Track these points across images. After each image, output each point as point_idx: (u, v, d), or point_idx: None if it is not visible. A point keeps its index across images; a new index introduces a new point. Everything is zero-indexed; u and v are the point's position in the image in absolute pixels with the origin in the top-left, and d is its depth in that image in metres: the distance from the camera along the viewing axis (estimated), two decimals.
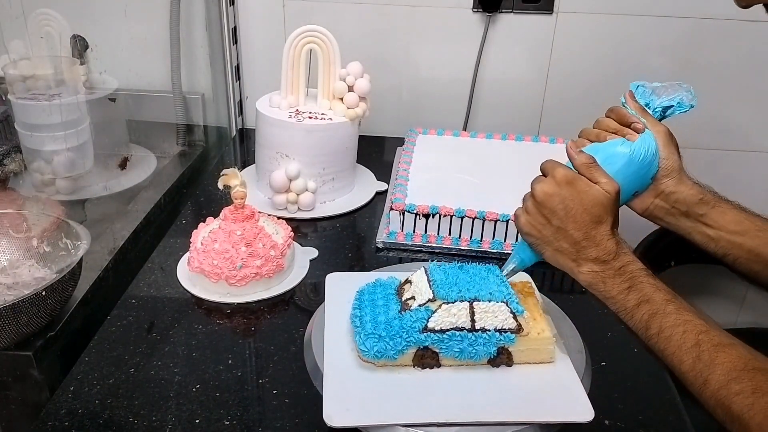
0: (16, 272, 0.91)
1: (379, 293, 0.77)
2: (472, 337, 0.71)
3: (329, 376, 0.71)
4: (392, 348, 0.70)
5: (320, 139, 1.13)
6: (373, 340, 0.70)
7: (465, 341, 0.71)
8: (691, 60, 1.40)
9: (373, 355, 0.70)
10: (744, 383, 0.55)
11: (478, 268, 0.76)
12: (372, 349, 0.70)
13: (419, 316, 0.70)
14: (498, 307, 0.71)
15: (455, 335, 0.70)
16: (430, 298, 0.71)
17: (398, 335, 0.70)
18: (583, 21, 1.38)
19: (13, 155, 1.14)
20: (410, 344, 0.70)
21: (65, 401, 0.74)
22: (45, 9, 1.16)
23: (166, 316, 0.90)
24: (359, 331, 0.72)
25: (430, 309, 0.70)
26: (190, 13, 1.40)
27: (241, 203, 0.93)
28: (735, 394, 0.55)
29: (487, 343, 0.71)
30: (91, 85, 1.28)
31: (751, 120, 1.48)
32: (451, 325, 0.70)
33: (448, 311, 0.70)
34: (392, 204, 1.07)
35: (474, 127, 1.50)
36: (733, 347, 0.58)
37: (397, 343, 0.70)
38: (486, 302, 0.71)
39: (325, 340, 0.76)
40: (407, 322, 0.71)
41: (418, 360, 0.72)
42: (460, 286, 0.72)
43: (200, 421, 0.72)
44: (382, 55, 1.44)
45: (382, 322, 0.72)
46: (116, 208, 1.18)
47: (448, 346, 0.71)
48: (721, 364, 0.57)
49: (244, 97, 1.52)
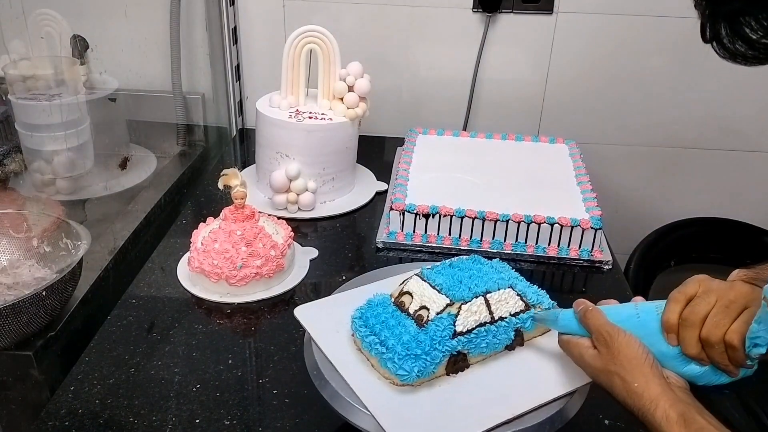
0: (17, 272, 0.91)
1: (384, 314, 0.73)
2: (494, 329, 0.71)
3: (380, 414, 0.65)
4: (431, 363, 0.67)
5: (320, 139, 1.13)
6: (410, 361, 0.67)
7: (489, 335, 0.71)
8: (691, 60, 1.40)
9: (415, 376, 0.67)
10: None
11: (466, 262, 0.76)
12: (413, 371, 0.66)
13: (445, 324, 0.69)
14: (508, 294, 0.72)
15: (481, 332, 0.70)
16: (448, 303, 0.70)
17: (432, 348, 0.68)
18: (583, 21, 1.38)
19: (14, 155, 1.14)
20: (445, 354, 0.68)
21: (65, 401, 0.75)
22: (45, 9, 1.16)
23: (167, 316, 0.90)
24: (390, 357, 0.68)
25: (452, 314, 0.69)
26: (190, 13, 1.40)
27: (242, 203, 0.93)
28: None
29: (507, 329, 0.72)
30: (91, 85, 1.28)
31: (751, 120, 1.48)
32: (476, 323, 0.70)
33: (469, 310, 0.70)
34: (392, 204, 1.07)
35: (474, 127, 1.50)
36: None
37: (434, 356, 0.67)
38: (496, 291, 0.72)
39: (345, 377, 0.69)
40: (434, 332, 0.68)
41: (452, 367, 0.70)
42: (467, 284, 0.72)
43: (200, 421, 0.72)
44: (382, 55, 1.44)
45: (409, 341, 0.68)
46: (116, 208, 1.18)
47: (476, 344, 0.70)
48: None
49: (244, 97, 1.52)
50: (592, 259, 1.04)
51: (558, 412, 0.66)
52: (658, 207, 1.57)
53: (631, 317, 0.63)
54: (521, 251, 1.04)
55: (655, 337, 0.61)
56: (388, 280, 0.82)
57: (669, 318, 0.60)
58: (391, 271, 0.86)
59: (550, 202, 1.08)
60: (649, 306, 0.64)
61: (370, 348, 0.69)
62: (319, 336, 0.74)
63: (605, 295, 0.71)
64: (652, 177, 1.55)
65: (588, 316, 0.63)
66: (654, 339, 0.61)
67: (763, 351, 0.56)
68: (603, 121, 1.49)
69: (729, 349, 0.58)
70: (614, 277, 1.03)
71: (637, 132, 1.50)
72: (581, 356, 0.63)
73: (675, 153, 1.52)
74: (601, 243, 1.05)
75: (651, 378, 0.57)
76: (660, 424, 0.55)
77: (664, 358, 0.61)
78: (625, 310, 0.64)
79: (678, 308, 0.60)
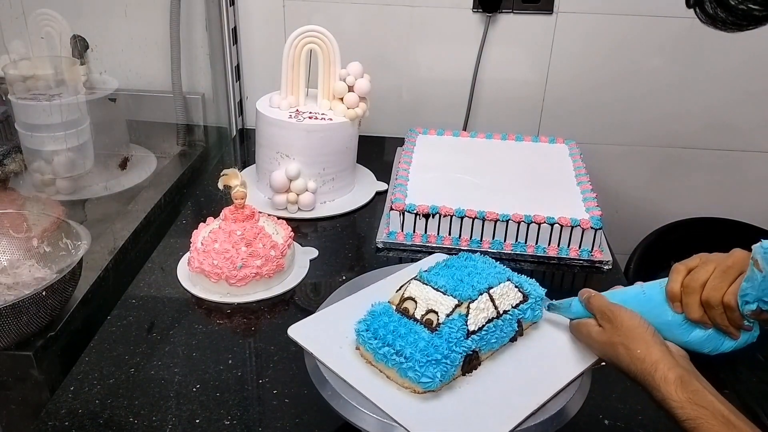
0: (17, 272, 0.91)
1: (391, 323, 0.71)
2: (501, 323, 0.72)
3: (413, 426, 0.64)
4: (451, 365, 0.67)
5: (320, 139, 1.13)
6: (431, 367, 0.66)
7: (497, 329, 0.71)
8: (691, 60, 1.40)
9: (438, 382, 0.66)
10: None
11: (459, 260, 0.77)
12: (436, 377, 0.66)
13: (457, 325, 0.69)
14: (508, 287, 0.73)
15: (490, 327, 0.71)
16: (456, 304, 0.70)
17: (450, 351, 0.67)
18: (583, 21, 1.38)
19: (14, 155, 1.14)
20: (462, 354, 0.68)
21: (65, 401, 0.75)
22: (45, 9, 1.16)
23: (166, 316, 0.90)
24: (411, 366, 0.67)
25: (463, 314, 0.69)
26: (190, 13, 1.40)
27: (242, 203, 0.93)
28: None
29: (511, 322, 0.73)
30: (91, 85, 1.28)
31: (751, 120, 1.48)
32: (485, 320, 0.71)
33: (477, 308, 0.70)
34: (392, 204, 1.07)
35: (474, 127, 1.50)
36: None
37: (453, 359, 0.67)
38: (498, 286, 0.72)
39: (366, 395, 0.67)
40: (449, 335, 0.68)
41: (467, 366, 0.70)
42: (469, 282, 0.72)
43: (200, 421, 0.72)
44: (382, 55, 1.44)
45: (426, 347, 0.67)
46: (116, 208, 1.18)
47: (487, 340, 0.71)
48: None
49: (244, 97, 1.52)
50: (592, 259, 1.04)
51: (558, 412, 0.66)
52: (658, 207, 1.57)
53: (638, 294, 0.68)
54: (521, 251, 1.04)
55: (660, 308, 0.66)
56: (378, 285, 0.81)
57: (672, 287, 0.65)
58: (391, 271, 0.86)
59: (550, 202, 1.08)
60: (653, 283, 0.69)
61: (386, 359, 0.68)
62: (324, 355, 0.72)
63: None
64: (652, 177, 1.55)
65: (591, 300, 0.69)
66: (659, 310, 0.66)
67: (753, 308, 0.60)
68: (603, 121, 1.49)
69: (727, 310, 0.62)
70: (614, 277, 1.03)
71: (637, 132, 1.50)
72: (589, 334, 0.68)
73: (675, 153, 1.52)
74: (601, 243, 1.05)
75: (652, 344, 0.62)
76: (659, 385, 0.59)
77: (670, 326, 0.65)
78: (632, 290, 0.70)
79: (680, 278, 0.65)
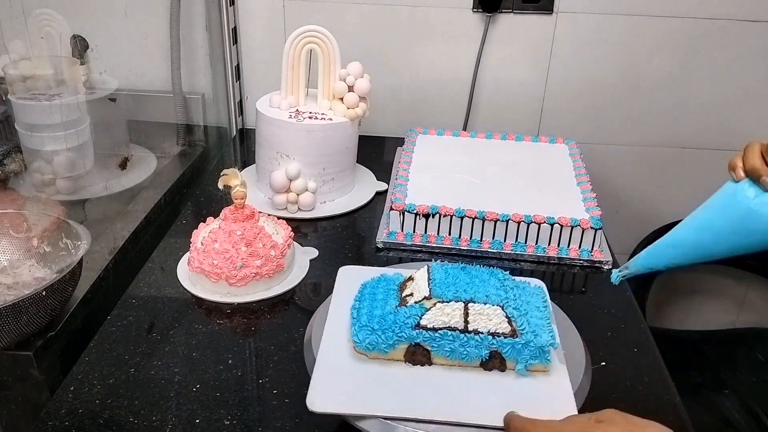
0: (17, 272, 0.91)
1: (381, 288, 0.79)
2: (464, 338, 0.71)
3: (320, 364, 0.72)
4: (383, 342, 0.72)
5: (320, 139, 1.13)
6: (366, 332, 0.72)
7: (457, 341, 0.71)
8: (691, 60, 1.40)
9: (365, 347, 0.72)
10: None
11: (481, 270, 0.76)
12: (364, 341, 0.72)
13: (413, 313, 0.71)
14: (493, 311, 0.71)
15: (447, 334, 0.71)
16: (426, 296, 0.72)
17: (390, 329, 0.72)
18: (583, 21, 1.39)
19: (14, 155, 1.14)
20: (402, 339, 0.72)
21: (65, 401, 0.75)
22: (45, 9, 1.16)
23: (166, 316, 0.90)
24: (355, 323, 0.75)
25: (425, 306, 0.71)
26: (190, 13, 1.40)
27: (241, 203, 0.93)
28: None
29: (479, 345, 0.71)
30: (91, 85, 1.28)
31: (751, 120, 1.48)
32: (444, 324, 0.71)
33: (441, 310, 0.71)
34: (392, 204, 1.07)
35: (474, 127, 1.50)
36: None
37: (388, 337, 0.71)
38: (481, 304, 0.70)
39: (325, 329, 0.77)
40: (401, 317, 0.72)
41: (410, 356, 0.73)
42: (457, 287, 0.72)
43: (200, 421, 0.72)
44: (382, 56, 1.44)
45: (377, 315, 0.74)
46: (116, 208, 1.18)
47: (439, 344, 0.71)
48: None
49: (244, 97, 1.52)
50: (592, 259, 1.04)
51: None
52: (658, 207, 1.57)
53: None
54: (521, 251, 1.04)
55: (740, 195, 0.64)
56: None
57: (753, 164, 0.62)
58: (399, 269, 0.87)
59: (550, 202, 1.08)
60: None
61: (351, 312, 0.78)
62: (338, 296, 0.83)
63: (605, 295, 0.71)
64: (652, 177, 1.55)
65: (511, 425, 0.62)
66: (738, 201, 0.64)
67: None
68: (603, 121, 1.49)
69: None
70: None
71: (637, 132, 1.50)
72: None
73: (675, 153, 1.52)
74: (601, 243, 1.05)
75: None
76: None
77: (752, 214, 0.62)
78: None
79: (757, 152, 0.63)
